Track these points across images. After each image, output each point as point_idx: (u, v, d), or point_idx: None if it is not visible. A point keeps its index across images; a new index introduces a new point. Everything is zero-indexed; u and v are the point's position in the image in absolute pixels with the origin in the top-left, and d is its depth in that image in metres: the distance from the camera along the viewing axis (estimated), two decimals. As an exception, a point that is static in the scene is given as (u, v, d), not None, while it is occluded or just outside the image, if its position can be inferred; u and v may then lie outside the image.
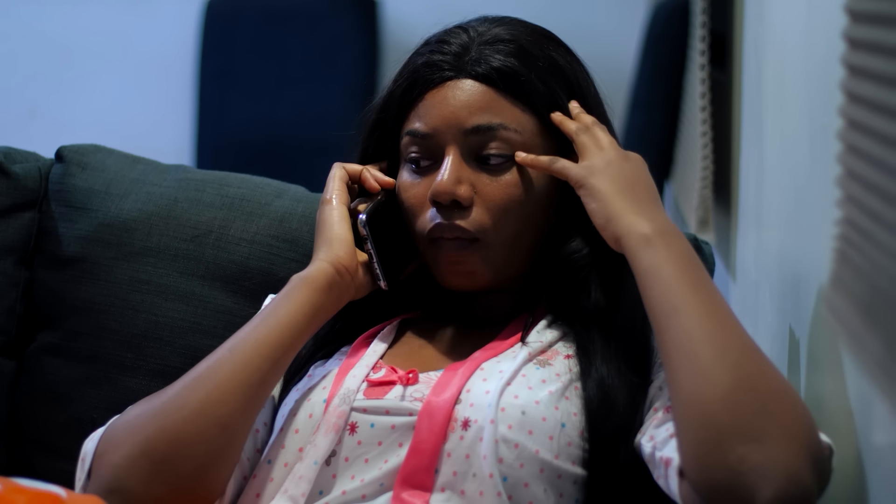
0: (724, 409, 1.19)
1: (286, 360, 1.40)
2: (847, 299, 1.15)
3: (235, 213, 1.78)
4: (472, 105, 1.45)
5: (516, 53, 1.46)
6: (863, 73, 1.09)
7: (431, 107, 1.46)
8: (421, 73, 1.48)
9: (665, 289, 1.29)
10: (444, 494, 1.32)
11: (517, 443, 1.33)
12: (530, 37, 1.49)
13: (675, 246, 1.32)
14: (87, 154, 1.84)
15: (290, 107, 3.67)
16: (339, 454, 1.37)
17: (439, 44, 1.49)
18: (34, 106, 3.78)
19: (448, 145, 1.45)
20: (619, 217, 1.36)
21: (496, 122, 1.44)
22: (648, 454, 1.31)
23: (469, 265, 1.45)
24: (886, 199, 1.03)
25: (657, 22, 3.15)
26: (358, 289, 1.47)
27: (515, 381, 1.37)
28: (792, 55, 1.64)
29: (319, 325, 1.44)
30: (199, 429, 1.33)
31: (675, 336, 1.26)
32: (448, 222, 1.43)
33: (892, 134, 1.02)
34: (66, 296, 1.76)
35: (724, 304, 1.28)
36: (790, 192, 1.62)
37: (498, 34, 1.48)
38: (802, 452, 1.17)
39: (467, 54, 1.46)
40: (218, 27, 3.73)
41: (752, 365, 1.22)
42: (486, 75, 1.45)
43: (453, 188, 1.43)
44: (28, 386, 1.76)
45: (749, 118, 2.13)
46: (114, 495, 1.31)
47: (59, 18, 3.78)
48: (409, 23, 3.72)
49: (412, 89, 1.48)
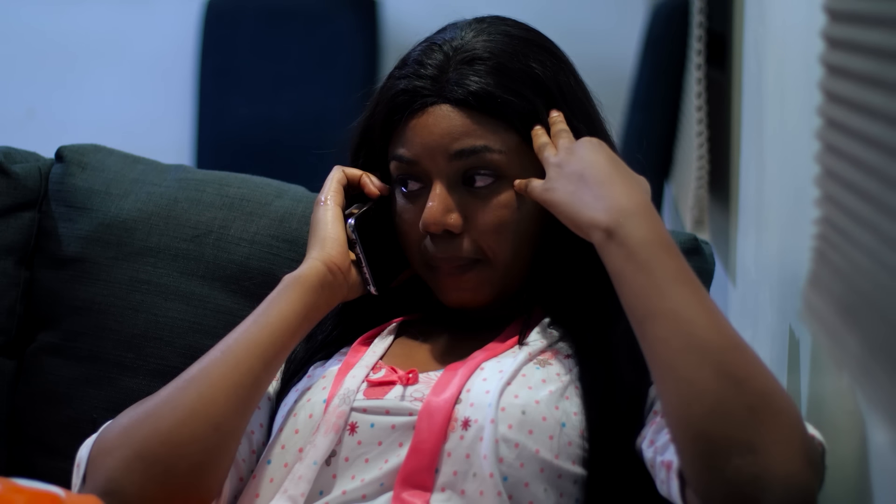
0: (712, 423, 1.17)
1: (279, 359, 1.40)
2: (826, 298, 1.15)
3: (235, 213, 1.78)
4: (454, 131, 1.44)
5: (493, 72, 1.44)
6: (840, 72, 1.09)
7: (414, 134, 1.45)
8: (400, 99, 1.47)
9: (632, 294, 1.27)
10: (445, 494, 1.32)
11: (517, 442, 1.33)
12: (510, 47, 1.46)
13: (638, 232, 1.29)
14: (87, 154, 1.84)
15: (290, 107, 3.67)
16: (339, 454, 1.37)
17: (416, 65, 1.47)
18: (34, 106, 3.78)
19: (433, 173, 1.44)
20: (579, 218, 1.34)
21: (479, 145, 1.43)
22: (650, 459, 1.31)
23: (470, 286, 1.45)
24: (864, 198, 1.03)
25: (656, 22, 3.15)
26: (351, 289, 1.47)
27: (515, 381, 1.37)
28: (792, 55, 1.64)
29: (312, 324, 1.44)
30: (192, 430, 1.33)
31: (652, 346, 1.24)
32: (445, 254, 1.44)
33: (869, 133, 1.02)
34: (66, 296, 1.76)
35: (699, 292, 1.25)
36: (790, 191, 1.62)
37: (475, 52, 1.45)
38: (797, 455, 1.16)
39: (444, 76, 1.45)
40: (218, 27, 3.73)
41: (735, 366, 1.20)
42: (463, 100, 1.44)
43: (443, 218, 1.43)
44: (28, 386, 1.76)
45: (749, 118, 2.13)
46: (109, 497, 1.31)
47: (59, 18, 3.78)
48: (409, 23, 3.72)
49: (393, 115, 1.47)
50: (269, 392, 1.49)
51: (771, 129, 1.83)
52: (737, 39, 2.35)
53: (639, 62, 3.17)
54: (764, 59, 1.93)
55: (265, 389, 1.40)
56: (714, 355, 1.20)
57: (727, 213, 2.41)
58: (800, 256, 1.48)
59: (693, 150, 2.58)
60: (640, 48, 3.20)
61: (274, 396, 1.49)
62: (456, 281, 1.45)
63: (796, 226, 1.56)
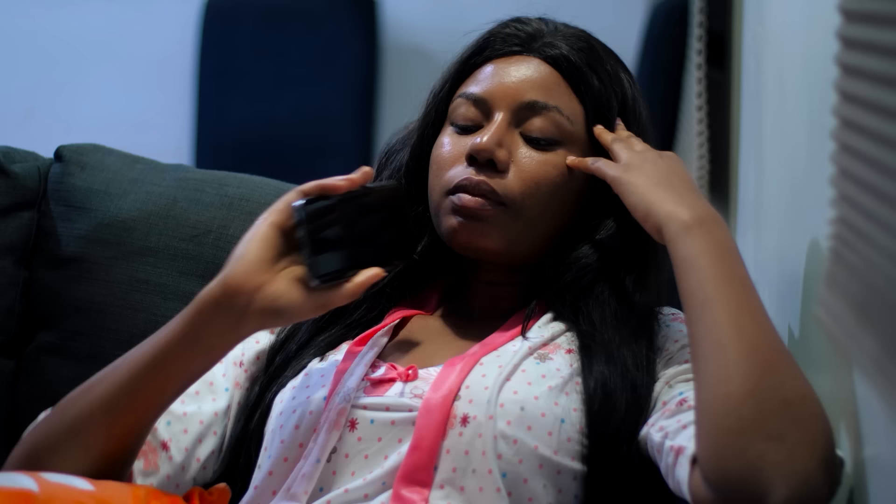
0: (748, 404, 1.19)
1: (162, 381, 1.34)
2: (841, 298, 1.15)
3: (235, 213, 1.78)
4: (534, 81, 1.47)
5: (588, 51, 1.50)
6: (857, 72, 1.10)
7: (493, 74, 1.48)
8: (491, 41, 1.51)
9: (700, 279, 1.29)
10: (444, 491, 1.33)
11: (516, 438, 1.33)
12: (603, 48, 1.53)
13: (714, 235, 1.32)
14: (87, 153, 1.84)
15: (290, 106, 3.67)
16: (340, 451, 1.37)
17: (516, 22, 1.52)
18: (33, 105, 3.78)
19: (499, 110, 1.46)
20: (658, 207, 1.36)
21: (552, 104, 1.46)
22: (658, 443, 1.31)
23: (484, 223, 1.44)
24: (880, 198, 1.03)
25: (656, 22, 3.15)
26: (275, 310, 1.32)
27: (515, 377, 1.37)
28: (791, 55, 1.64)
29: (214, 346, 1.34)
30: (68, 448, 1.35)
31: (707, 326, 1.25)
32: (478, 178, 1.44)
33: (885, 132, 1.02)
34: (66, 295, 1.76)
35: (759, 301, 1.28)
36: (789, 191, 1.62)
37: (574, 32, 1.52)
38: (820, 459, 1.17)
39: (541, 38, 1.50)
40: (217, 27, 3.73)
41: (781, 366, 1.22)
42: (554, 58, 1.48)
43: (494, 148, 1.44)
44: (27, 385, 1.76)
45: (748, 118, 2.13)
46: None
47: (58, 18, 3.78)
48: (409, 23, 3.72)
49: (478, 54, 1.51)
50: (224, 403, 1.49)
51: (770, 128, 1.83)
52: (736, 39, 2.35)
53: (638, 62, 3.18)
54: (763, 59, 1.93)
55: (150, 411, 1.36)
56: (763, 352, 1.22)
57: (726, 212, 2.41)
58: (799, 256, 1.48)
59: (693, 150, 2.58)
60: (639, 48, 3.21)
61: (235, 404, 1.49)
62: (474, 211, 1.43)
63: (795, 226, 1.56)
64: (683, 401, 1.33)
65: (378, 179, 1.56)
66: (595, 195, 1.48)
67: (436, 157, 1.49)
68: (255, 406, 1.48)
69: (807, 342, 1.44)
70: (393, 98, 3.68)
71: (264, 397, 1.47)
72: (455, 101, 1.50)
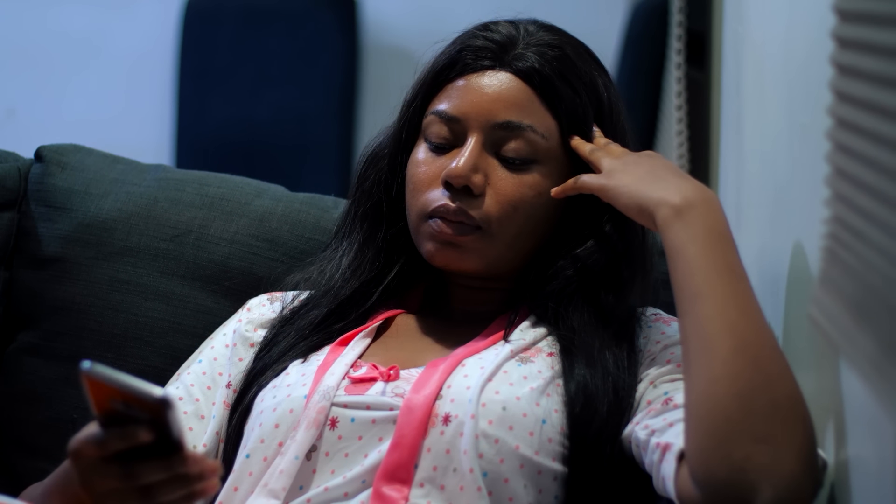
0: (737, 406, 1.19)
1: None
2: (837, 298, 1.16)
3: (215, 213, 1.78)
4: (507, 99, 1.45)
5: (560, 60, 1.46)
6: (852, 72, 1.10)
7: (465, 92, 1.46)
8: (462, 55, 1.47)
9: (689, 271, 1.28)
10: (424, 489, 1.33)
11: (497, 438, 1.33)
12: (576, 51, 1.49)
13: (704, 219, 1.30)
14: (67, 154, 1.84)
15: (270, 106, 3.67)
16: (320, 449, 1.37)
17: (486, 30, 1.49)
18: (13, 106, 3.76)
19: (473, 131, 1.44)
20: (647, 197, 1.35)
21: (526, 123, 1.44)
22: (643, 440, 1.31)
23: (462, 249, 1.44)
24: (878, 198, 1.04)
25: (636, 22, 3.16)
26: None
27: (497, 377, 1.37)
28: (772, 54, 1.65)
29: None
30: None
31: (696, 321, 1.25)
32: (455, 205, 1.43)
33: (880, 132, 1.03)
34: (46, 296, 1.76)
35: (750, 291, 1.27)
36: (770, 191, 1.62)
37: (546, 39, 1.48)
38: (805, 461, 1.18)
39: (513, 49, 1.46)
40: (197, 27, 3.72)
41: (771, 364, 1.22)
42: (526, 73, 1.45)
43: (469, 174, 1.43)
44: (8, 386, 1.76)
45: (728, 118, 2.14)
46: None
47: (38, 18, 3.77)
48: (389, 23, 3.72)
49: (450, 69, 1.48)
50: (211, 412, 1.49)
51: (750, 128, 1.84)
52: (716, 39, 2.36)
53: (618, 62, 3.18)
54: (743, 59, 1.94)
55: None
56: (753, 349, 1.22)
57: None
58: (780, 256, 1.48)
59: (673, 150, 2.59)
60: (619, 48, 3.21)
61: (218, 414, 1.49)
62: (451, 238, 1.43)
63: (776, 225, 1.56)
64: (669, 399, 1.33)
65: (360, 188, 1.56)
66: (575, 204, 1.48)
67: (411, 176, 1.48)
68: (234, 406, 1.47)
69: (788, 342, 1.44)
70: (373, 98, 3.67)
71: (244, 397, 1.47)
72: (428, 118, 1.48)
